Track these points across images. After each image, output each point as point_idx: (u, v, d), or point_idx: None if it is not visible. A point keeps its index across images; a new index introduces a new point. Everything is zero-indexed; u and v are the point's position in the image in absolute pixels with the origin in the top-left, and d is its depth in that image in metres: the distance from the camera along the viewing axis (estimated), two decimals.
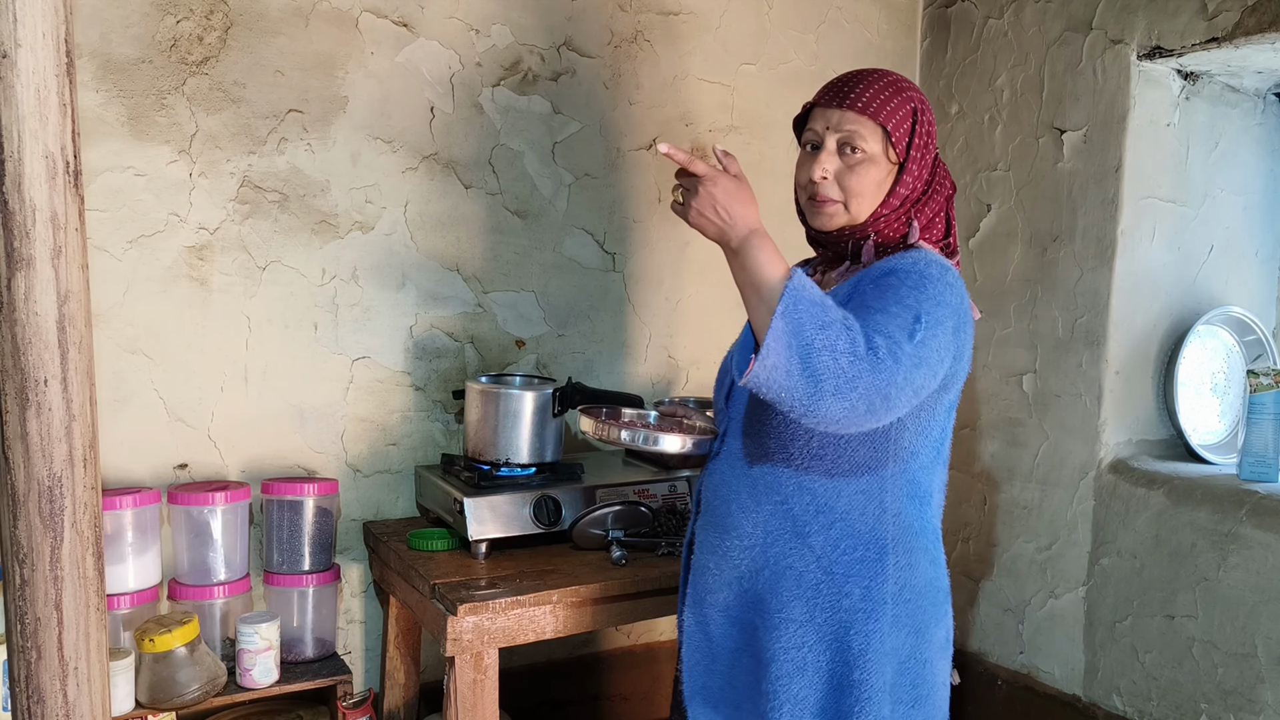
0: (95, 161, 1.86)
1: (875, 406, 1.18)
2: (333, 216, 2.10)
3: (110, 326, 1.90)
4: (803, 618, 1.36)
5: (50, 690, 1.35)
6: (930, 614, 1.40)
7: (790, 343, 1.13)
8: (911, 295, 1.26)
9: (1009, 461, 2.58)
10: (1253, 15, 2.04)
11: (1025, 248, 2.53)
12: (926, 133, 1.40)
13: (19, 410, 1.31)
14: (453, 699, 1.67)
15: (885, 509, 1.37)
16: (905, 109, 1.38)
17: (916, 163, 1.38)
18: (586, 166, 2.37)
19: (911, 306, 1.24)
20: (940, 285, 1.30)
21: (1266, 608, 2.01)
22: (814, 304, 1.16)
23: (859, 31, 2.71)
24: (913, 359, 1.20)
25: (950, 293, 1.30)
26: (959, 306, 1.32)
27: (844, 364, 1.14)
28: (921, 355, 1.22)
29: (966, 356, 1.35)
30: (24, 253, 1.29)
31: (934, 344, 1.24)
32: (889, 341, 1.19)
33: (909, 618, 1.37)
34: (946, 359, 1.29)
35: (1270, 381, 2.18)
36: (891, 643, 1.36)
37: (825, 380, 1.14)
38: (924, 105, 1.42)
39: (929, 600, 1.40)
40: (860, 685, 1.34)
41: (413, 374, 2.21)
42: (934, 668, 1.40)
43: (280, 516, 1.97)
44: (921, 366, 1.22)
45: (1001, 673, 2.59)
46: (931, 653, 1.40)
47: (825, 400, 1.15)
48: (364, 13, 2.09)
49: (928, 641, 1.39)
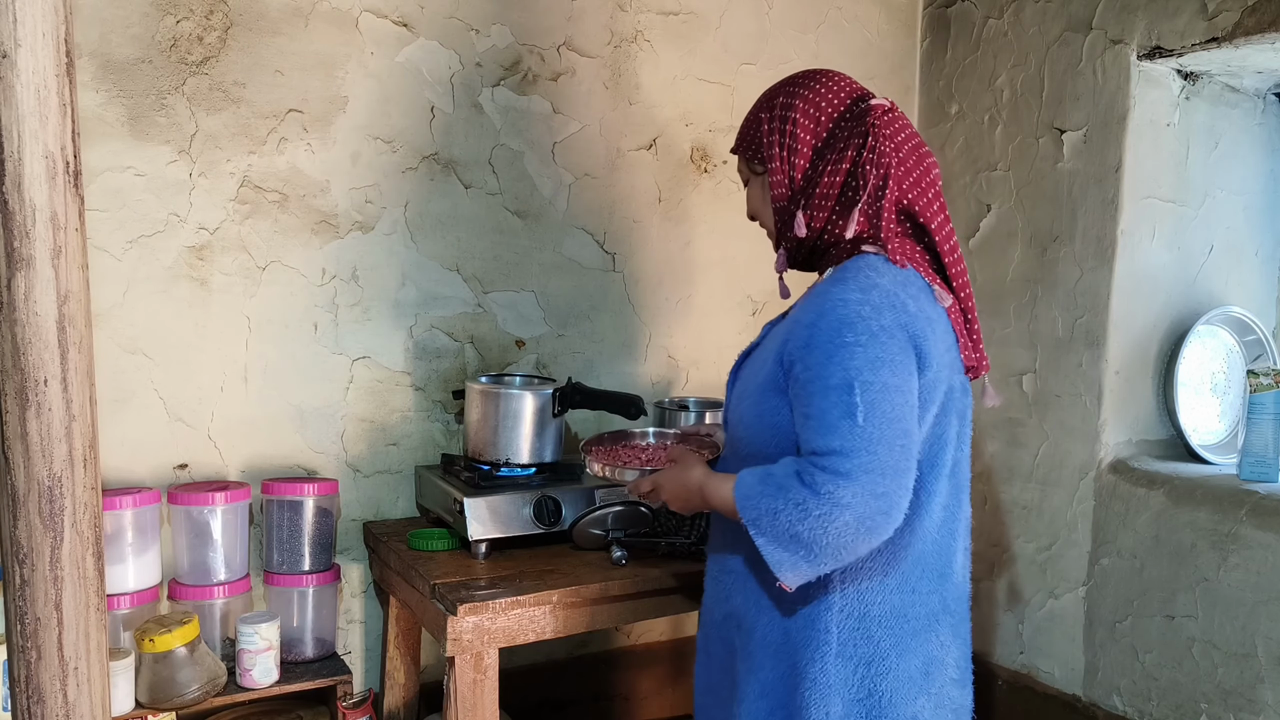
0: (95, 161, 1.86)
1: (877, 519, 1.17)
2: (332, 216, 2.09)
3: (110, 326, 1.90)
4: (764, 645, 1.36)
5: (50, 690, 1.35)
6: (890, 645, 1.30)
7: (776, 545, 1.21)
8: (834, 366, 1.21)
9: (1009, 461, 2.58)
10: (1253, 15, 2.04)
11: (1025, 248, 2.53)
12: (779, 129, 1.38)
13: (19, 410, 1.31)
14: (453, 699, 1.67)
15: None
16: (754, 120, 1.43)
17: (777, 158, 1.39)
18: (586, 166, 2.37)
19: (837, 383, 1.20)
20: (859, 321, 1.23)
21: (1266, 608, 2.01)
22: (771, 511, 1.21)
23: (859, 31, 2.71)
24: (868, 442, 1.17)
25: (876, 317, 1.23)
26: (895, 321, 1.24)
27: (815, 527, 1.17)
28: (880, 422, 1.18)
29: (934, 355, 1.28)
30: (24, 253, 1.29)
31: (889, 396, 1.20)
32: (832, 463, 1.18)
33: (859, 648, 1.30)
34: (911, 383, 1.24)
35: (1270, 381, 2.18)
36: (838, 674, 1.29)
37: (817, 549, 1.19)
38: (774, 104, 1.40)
39: (891, 630, 1.30)
40: (805, 713, 1.30)
41: (413, 374, 2.21)
42: (897, 701, 1.29)
43: (280, 516, 1.96)
44: (888, 429, 1.18)
45: (1001, 673, 2.59)
46: (893, 685, 1.29)
47: (829, 558, 1.20)
48: (364, 12, 2.09)
49: (885, 673, 1.29)
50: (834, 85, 1.40)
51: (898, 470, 1.19)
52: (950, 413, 1.33)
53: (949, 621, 1.35)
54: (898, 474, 1.19)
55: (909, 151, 1.36)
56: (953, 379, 1.33)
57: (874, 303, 1.24)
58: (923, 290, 1.32)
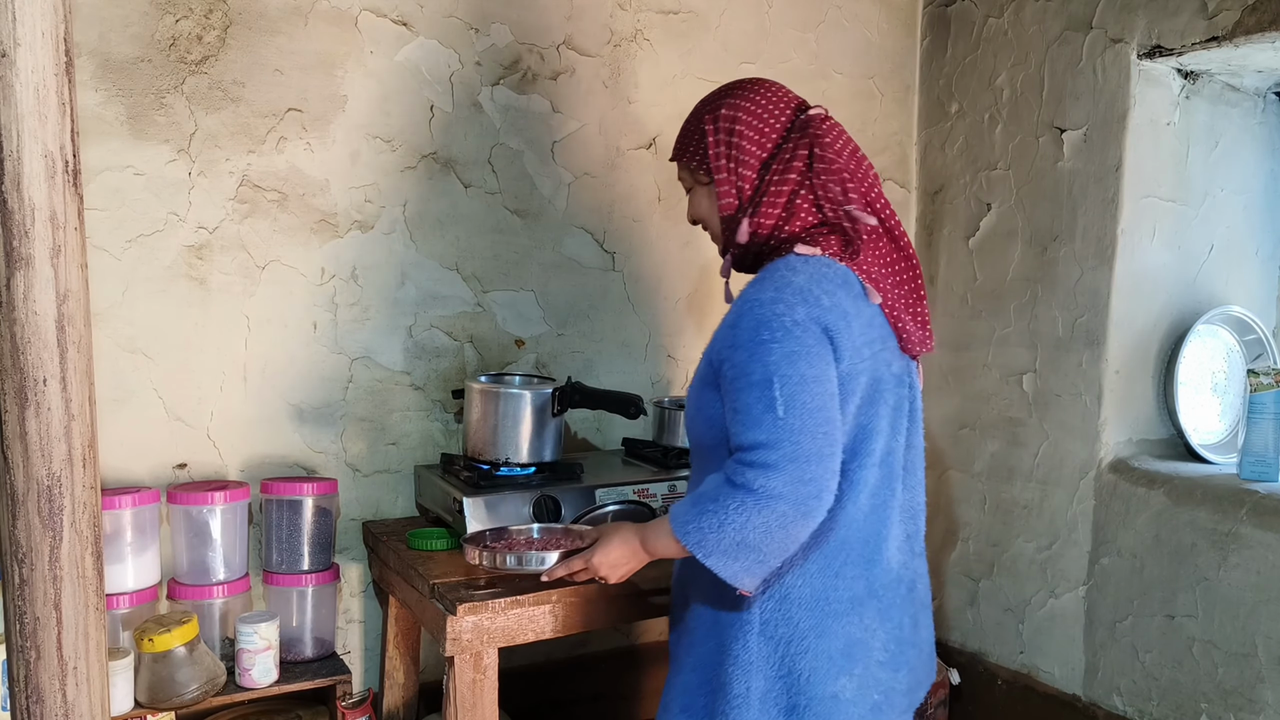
0: (94, 161, 1.86)
1: (810, 503, 1.24)
2: (332, 216, 2.09)
3: (109, 326, 1.90)
4: (700, 621, 1.43)
5: (49, 690, 1.35)
6: (810, 626, 1.34)
7: (725, 559, 1.27)
8: (755, 363, 1.27)
9: (1009, 461, 2.58)
10: (1253, 14, 2.04)
11: (1025, 247, 2.52)
12: (725, 142, 1.43)
13: (18, 410, 1.31)
14: (452, 699, 1.67)
15: None
16: (696, 131, 1.47)
17: (724, 169, 1.43)
18: (586, 166, 2.37)
19: (758, 379, 1.26)
20: (773, 319, 1.28)
21: (1266, 607, 2.01)
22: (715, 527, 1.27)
23: (859, 30, 2.71)
24: (790, 433, 1.23)
25: (789, 313, 1.28)
26: (808, 315, 1.29)
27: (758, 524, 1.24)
28: (800, 413, 1.24)
29: (849, 348, 1.32)
30: (23, 252, 1.29)
31: (807, 387, 1.25)
32: (758, 457, 1.24)
33: (779, 629, 1.35)
34: (829, 372, 1.28)
35: (1270, 381, 2.18)
36: (760, 652, 1.35)
37: (764, 547, 1.26)
38: (718, 116, 1.44)
39: (811, 611, 1.35)
40: (729, 688, 1.36)
41: (412, 373, 2.20)
42: (815, 680, 1.33)
43: (279, 516, 1.96)
44: (809, 419, 1.24)
45: (1001, 673, 2.59)
46: (812, 664, 1.34)
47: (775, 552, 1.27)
48: (363, 11, 2.08)
49: (804, 653, 1.34)
50: (776, 96, 1.45)
51: (821, 455, 1.25)
52: (878, 403, 1.37)
53: (875, 605, 1.38)
54: (822, 459, 1.25)
55: (849, 156, 1.42)
56: (880, 370, 1.37)
57: (787, 300, 1.29)
58: (845, 285, 1.36)
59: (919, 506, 1.50)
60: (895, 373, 1.41)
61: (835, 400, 1.29)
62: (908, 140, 2.85)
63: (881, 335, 1.39)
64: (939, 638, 2.77)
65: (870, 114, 2.77)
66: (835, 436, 1.27)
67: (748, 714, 1.35)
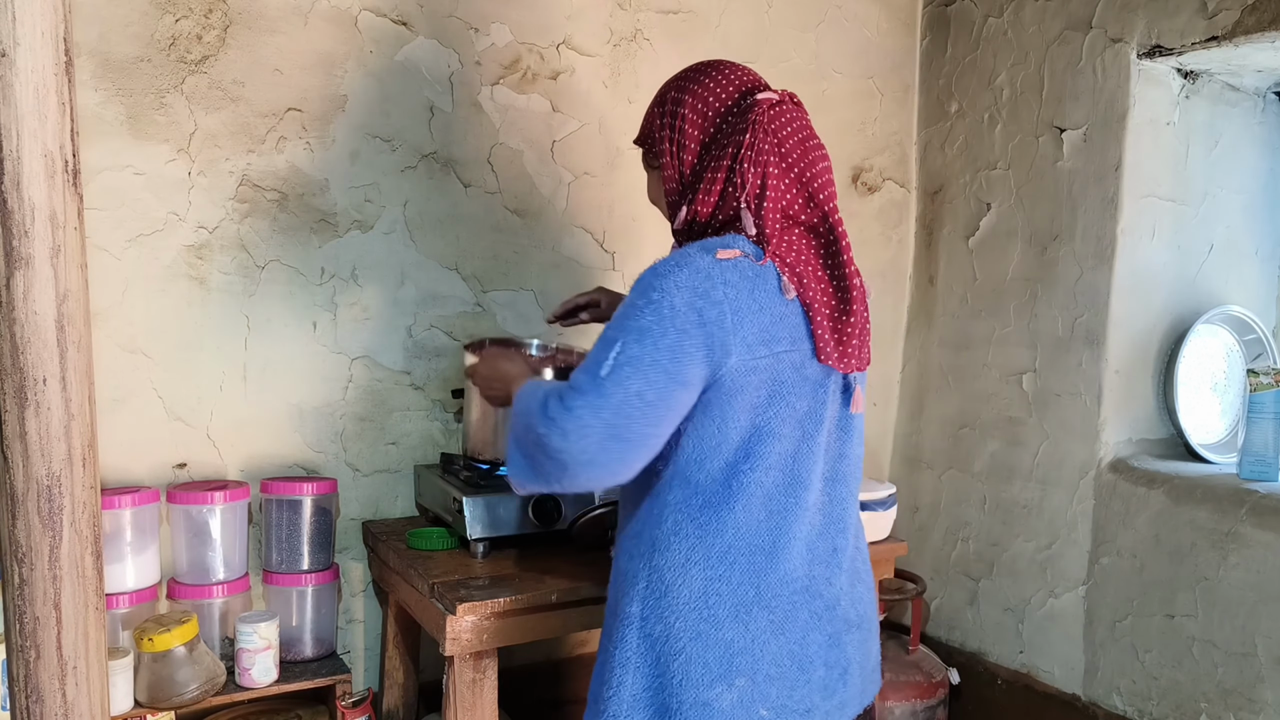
0: (94, 160, 1.86)
1: (577, 467, 1.24)
2: (331, 215, 2.09)
3: (109, 325, 1.90)
4: (609, 614, 1.41)
5: (49, 689, 1.35)
6: (685, 628, 1.29)
7: (514, 444, 1.33)
8: (620, 322, 1.27)
9: (1009, 461, 2.58)
10: (1253, 14, 2.04)
11: (1025, 247, 2.52)
12: (669, 124, 1.40)
13: (18, 409, 1.31)
14: (451, 698, 1.67)
15: (663, 514, 1.32)
16: (649, 114, 1.46)
17: (667, 153, 1.41)
18: (586, 165, 2.37)
19: (610, 336, 1.26)
20: (653, 293, 1.26)
21: (1266, 607, 2.01)
22: (521, 412, 1.31)
23: (858, 30, 2.71)
24: (599, 395, 1.22)
25: (668, 298, 1.25)
26: (688, 304, 1.24)
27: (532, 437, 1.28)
28: (614, 387, 1.22)
29: (739, 346, 1.25)
30: (23, 251, 1.29)
31: (638, 368, 1.22)
32: (569, 395, 1.25)
33: (655, 626, 1.31)
34: (678, 368, 1.23)
35: (1270, 381, 2.18)
36: (638, 648, 1.32)
37: (529, 464, 1.30)
38: (665, 99, 1.42)
39: (688, 613, 1.30)
40: (609, 681, 1.34)
41: (412, 373, 2.20)
42: (689, 685, 1.28)
43: (279, 516, 1.96)
44: (623, 398, 1.22)
45: (1001, 672, 2.59)
46: (684, 668, 1.29)
47: (532, 473, 1.31)
48: (363, 11, 2.08)
49: (678, 655, 1.29)
50: (723, 79, 1.39)
51: (618, 435, 1.23)
52: (778, 405, 1.30)
53: (766, 617, 1.31)
54: (617, 439, 1.23)
55: (794, 146, 1.34)
56: (784, 372, 1.29)
57: (677, 283, 1.26)
58: (758, 278, 1.29)
59: (849, 517, 1.41)
60: (810, 376, 1.32)
61: (671, 394, 1.23)
62: (907, 140, 2.85)
63: (793, 336, 1.30)
64: (939, 637, 2.77)
65: (870, 114, 2.77)
66: (646, 427, 1.23)
67: (620, 708, 1.32)
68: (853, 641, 1.40)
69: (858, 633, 1.42)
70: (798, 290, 1.31)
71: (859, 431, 1.43)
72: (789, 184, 1.33)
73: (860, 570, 1.45)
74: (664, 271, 1.28)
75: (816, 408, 1.34)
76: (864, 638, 1.44)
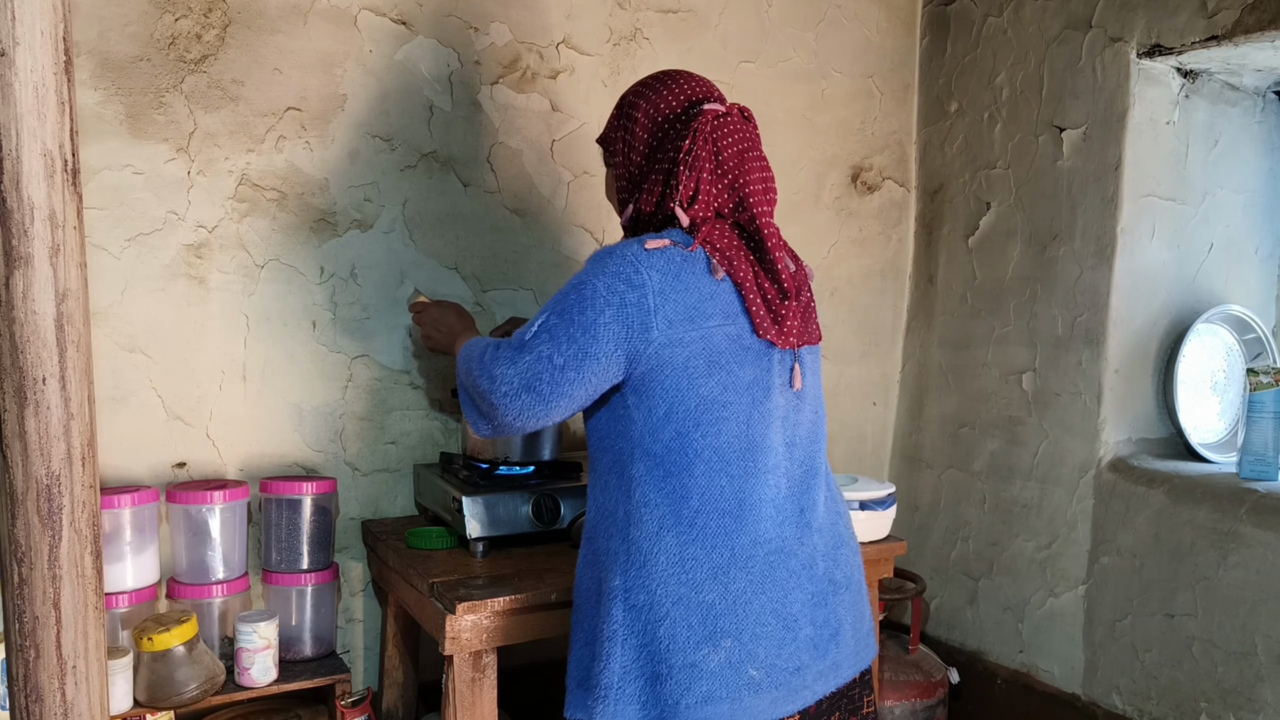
0: (93, 160, 1.86)
1: (496, 413, 1.42)
2: (331, 215, 2.09)
3: (108, 325, 1.90)
4: (585, 596, 1.46)
5: (49, 689, 1.35)
6: (667, 593, 1.34)
7: (464, 391, 1.52)
8: (553, 300, 1.40)
9: (1009, 460, 2.58)
10: (1252, 13, 2.04)
11: (1025, 246, 2.53)
12: (623, 126, 1.50)
13: (17, 409, 1.31)
14: (451, 698, 1.67)
15: (630, 488, 1.39)
16: (612, 115, 1.54)
17: (620, 153, 1.51)
18: (585, 164, 2.37)
19: (543, 310, 1.41)
20: (586, 278, 1.37)
21: (1266, 606, 2.01)
22: (464, 358, 1.51)
23: (858, 29, 2.71)
24: (517, 350, 1.39)
25: (593, 281, 1.36)
26: (610, 288, 1.34)
27: (472, 382, 1.47)
28: (533, 345, 1.38)
29: (665, 322, 1.34)
30: (22, 251, 1.29)
31: (553, 338, 1.36)
32: (501, 348, 1.42)
33: (639, 594, 1.36)
34: (591, 344, 1.34)
35: (1270, 380, 2.18)
36: (624, 620, 1.36)
37: (474, 406, 1.49)
38: (624, 102, 1.51)
39: (668, 579, 1.35)
40: (601, 656, 1.37)
41: (411, 372, 2.20)
42: (675, 649, 1.33)
43: (279, 515, 1.96)
44: (534, 359, 1.37)
45: (1001, 671, 2.59)
46: (670, 632, 1.33)
47: (476, 416, 1.49)
48: (362, 10, 2.08)
49: (663, 620, 1.34)
50: (676, 88, 1.48)
51: (529, 388, 1.38)
52: (718, 374, 1.37)
53: (744, 577, 1.36)
54: (528, 390, 1.39)
55: (731, 155, 1.43)
56: (718, 343, 1.37)
57: (603, 269, 1.37)
58: (686, 262, 1.38)
59: (815, 481, 1.47)
60: (751, 347, 1.40)
61: (579, 364, 1.36)
62: (907, 139, 2.85)
63: (726, 312, 1.38)
64: (939, 636, 2.77)
65: (870, 113, 2.77)
66: (548, 388, 1.37)
67: (612, 679, 1.35)
68: (842, 603, 1.45)
69: (846, 594, 1.47)
70: (727, 270, 1.40)
71: (813, 400, 1.51)
72: (720, 189, 1.43)
73: (842, 534, 1.51)
74: (595, 260, 1.40)
75: (761, 375, 1.41)
76: (854, 599, 1.48)
